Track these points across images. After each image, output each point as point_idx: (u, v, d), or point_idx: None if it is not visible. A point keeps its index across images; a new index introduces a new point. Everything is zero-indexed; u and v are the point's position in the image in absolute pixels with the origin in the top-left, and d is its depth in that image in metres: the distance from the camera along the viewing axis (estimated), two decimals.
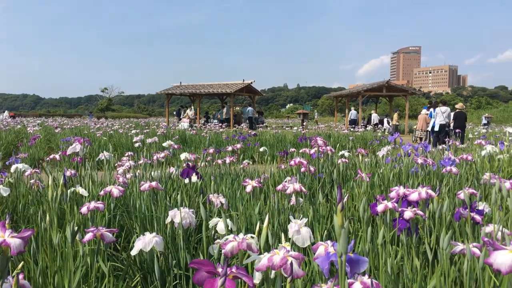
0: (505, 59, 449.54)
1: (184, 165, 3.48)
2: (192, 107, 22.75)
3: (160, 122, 26.66)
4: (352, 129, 17.12)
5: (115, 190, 2.35)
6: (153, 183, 2.42)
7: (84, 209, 2.11)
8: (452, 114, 11.98)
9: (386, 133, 18.61)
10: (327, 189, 3.44)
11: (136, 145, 6.41)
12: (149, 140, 6.30)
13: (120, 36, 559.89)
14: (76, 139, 3.55)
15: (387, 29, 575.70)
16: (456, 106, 12.26)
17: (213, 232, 2.46)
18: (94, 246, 2.04)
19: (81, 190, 2.53)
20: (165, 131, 11.85)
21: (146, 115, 70.17)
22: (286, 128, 18.99)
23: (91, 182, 3.22)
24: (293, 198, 2.73)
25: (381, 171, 4.21)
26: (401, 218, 1.98)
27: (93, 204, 2.11)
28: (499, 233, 1.67)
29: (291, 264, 0.99)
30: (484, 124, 23.93)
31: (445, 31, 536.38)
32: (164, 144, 4.34)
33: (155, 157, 3.94)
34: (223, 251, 1.31)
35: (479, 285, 1.60)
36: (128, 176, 3.61)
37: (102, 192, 2.41)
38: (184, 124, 19.00)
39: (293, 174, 3.99)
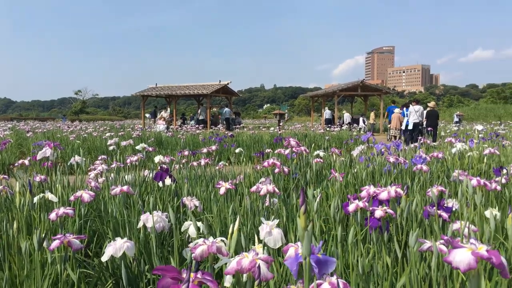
0: (475, 58, 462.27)
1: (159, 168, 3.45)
2: (168, 109, 22.57)
3: (136, 124, 26.34)
4: (328, 129, 17.28)
5: (86, 195, 2.31)
6: (124, 187, 2.38)
7: (53, 215, 2.06)
8: (425, 112, 12.23)
9: (362, 132, 18.86)
10: (299, 189, 3.46)
11: (111, 148, 6.31)
12: (123, 143, 6.21)
13: (95, 37, 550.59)
14: (46, 143, 3.47)
15: (361, 29, 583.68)
16: (429, 104, 12.51)
17: (187, 236, 2.44)
18: (64, 253, 2.00)
19: (50, 196, 2.47)
20: (140, 134, 11.72)
21: (122, 117, 69.22)
22: (263, 129, 19.04)
23: (62, 187, 3.15)
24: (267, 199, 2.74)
25: (355, 170, 4.26)
26: (372, 217, 2.01)
27: (62, 210, 2.06)
28: (466, 230, 1.71)
29: (259, 267, 0.99)
30: (456, 122, 24.48)
31: (417, 31, 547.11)
32: (138, 147, 4.29)
33: (128, 161, 3.89)
34: (192, 255, 1.30)
35: (448, 281, 1.63)
36: (100, 180, 3.55)
37: (72, 198, 2.36)
38: (160, 126, 18.80)
39: (268, 175, 3.99)
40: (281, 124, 20.88)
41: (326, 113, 23.19)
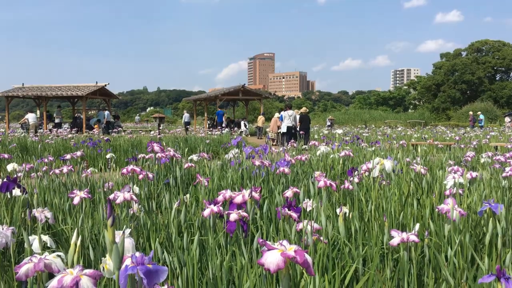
0: (346, 67, 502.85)
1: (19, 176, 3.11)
2: (38, 111, 20.77)
3: None
4: (210, 132, 17.41)
5: None
6: None
7: None
8: (298, 117, 13.00)
9: (243, 135, 19.39)
10: (162, 196, 3.41)
11: None
12: None
13: None
14: None
15: (244, 35, 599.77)
16: (301, 110, 13.35)
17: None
18: None
19: None
20: (0, 139, 10.56)
21: None
22: (142, 133, 18.48)
23: None
24: (135, 207, 2.65)
25: (228, 174, 4.34)
26: (228, 220, 2.05)
27: None
28: (309, 227, 1.83)
29: (77, 284, 0.94)
30: (328, 126, 26.44)
31: (296, 39, 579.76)
32: None
33: None
34: (16, 275, 1.19)
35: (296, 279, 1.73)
36: None
37: None
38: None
39: (137, 181, 3.87)
40: (160, 127, 20.49)
41: (185, 116, 23.97)
